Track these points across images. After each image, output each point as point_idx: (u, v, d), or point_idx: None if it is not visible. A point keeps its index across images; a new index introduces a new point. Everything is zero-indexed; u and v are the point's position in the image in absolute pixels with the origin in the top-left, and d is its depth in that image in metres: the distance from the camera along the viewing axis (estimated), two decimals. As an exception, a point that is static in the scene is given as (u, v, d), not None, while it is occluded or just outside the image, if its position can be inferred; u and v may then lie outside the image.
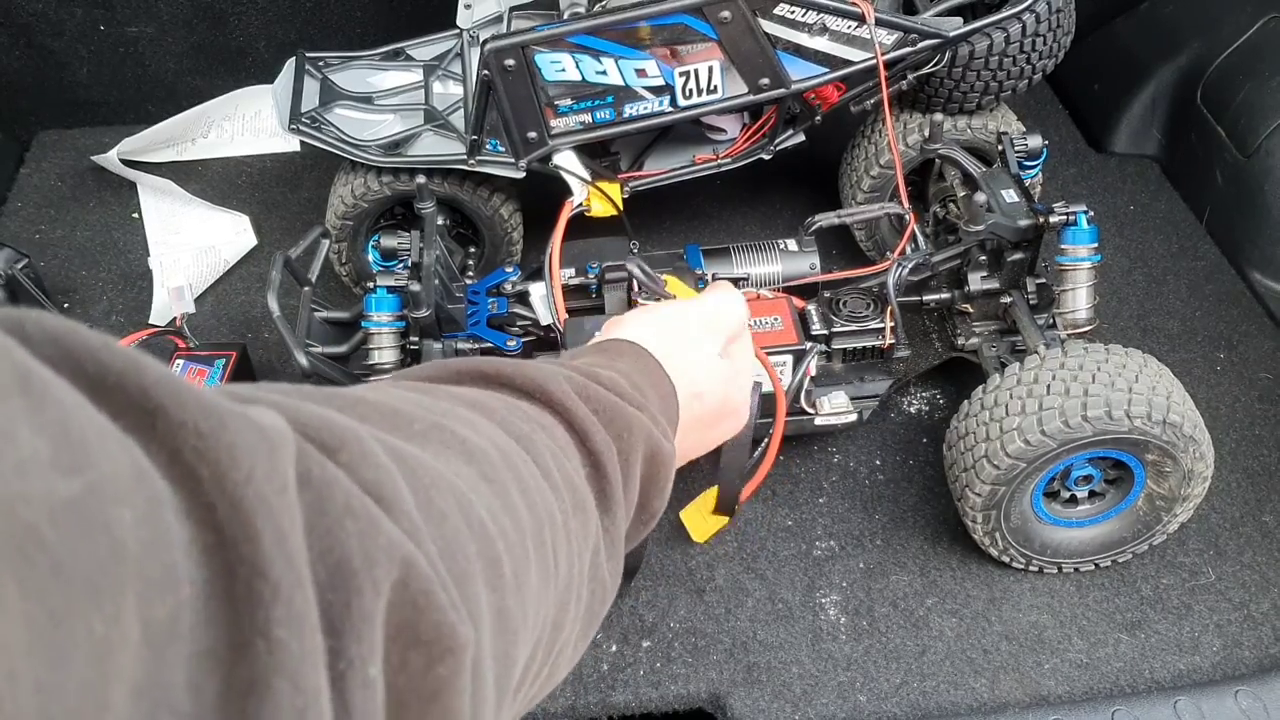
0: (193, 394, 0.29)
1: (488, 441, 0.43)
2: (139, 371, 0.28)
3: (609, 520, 0.51)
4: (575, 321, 1.16)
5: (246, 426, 0.29)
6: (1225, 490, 1.25)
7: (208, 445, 0.28)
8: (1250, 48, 1.61)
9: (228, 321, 1.50)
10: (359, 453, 0.34)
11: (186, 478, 0.27)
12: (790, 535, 1.21)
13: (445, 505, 0.36)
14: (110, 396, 0.27)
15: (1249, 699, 1.04)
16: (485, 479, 0.41)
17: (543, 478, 0.45)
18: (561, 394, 0.51)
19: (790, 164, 1.45)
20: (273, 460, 0.29)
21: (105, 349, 0.27)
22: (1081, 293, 1.18)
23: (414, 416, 0.41)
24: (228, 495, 0.28)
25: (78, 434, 0.24)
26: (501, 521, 0.40)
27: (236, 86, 1.81)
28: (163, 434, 0.28)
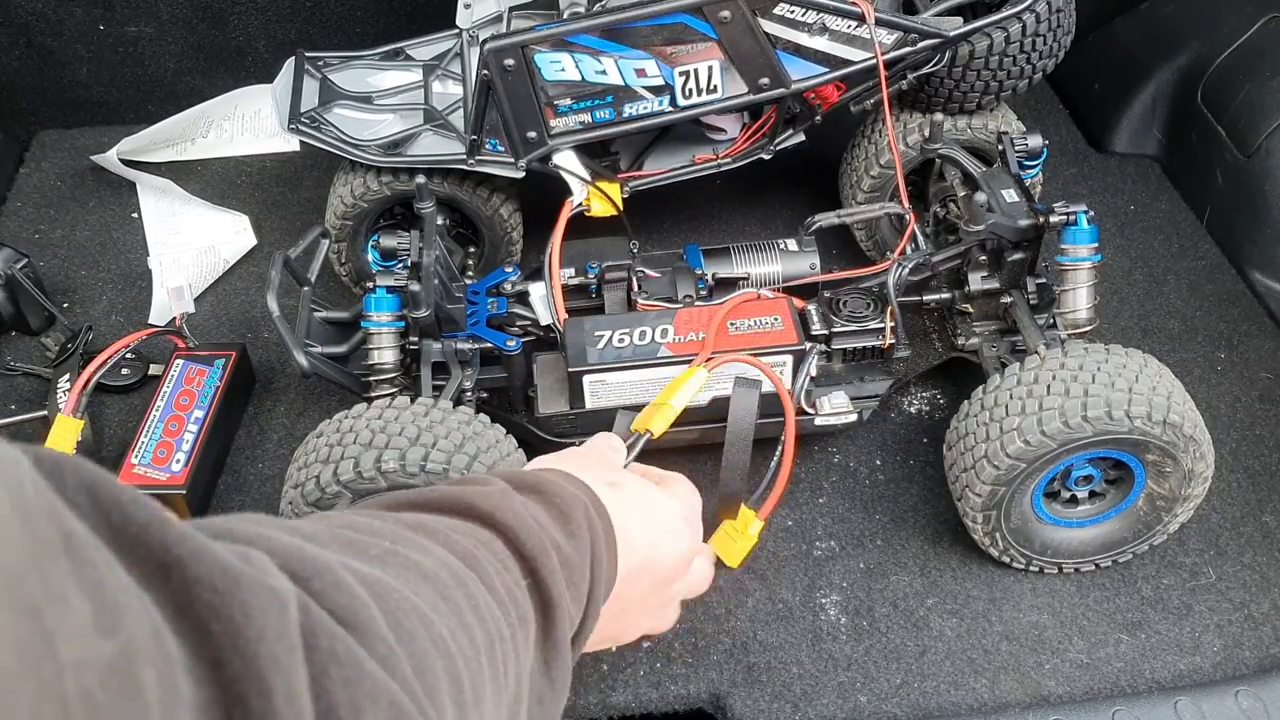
0: (211, 552, 0.30)
1: (438, 563, 0.44)
2: (162, 527, 0.29)
3: (551, 625, 0.53)
4: (575, 321, 1.16)
5: (259, 586, 0.30)
6: (1226, 490, 1.24)
7: (222, 602, 0.29)
8: (1250, 48, 1.61)
9: (227, 321, 1.50)
10: (331, 581, 0.35)
11: (194, 631, 0.28)
12: (790, 535, 1.21)
13: (412, 626, 0.38)
14: (130, 548, 0.28)
15: (1249, 699, 1.04)
16: (442, 598, 0.42)
17: (489, 594, 0.46)
18: (494, 507, 0.53)
19: (790, 164, 1.45)
20: (283, 619, 0.31)
21: (133, 502, 0.29)
22: (1082, 293, 1.18)
23: (368, 544, 0.43)
24: (240, 652, 0.29)
25: (111, 595, 0.25)
26: (460, 640, 0.41)
27: (236, 86, 1.81)
28: (176, 587, 0.28)
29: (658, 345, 1.13)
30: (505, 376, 1.19)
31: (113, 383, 1.36)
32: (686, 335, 1.13)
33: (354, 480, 0.98)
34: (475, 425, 1.03)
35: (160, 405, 1.28)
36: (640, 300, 1.21)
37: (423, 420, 1.01)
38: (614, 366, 1.12)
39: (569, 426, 1.17)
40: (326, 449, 1.01)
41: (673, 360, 1.12)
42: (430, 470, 0.97)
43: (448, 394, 1.10)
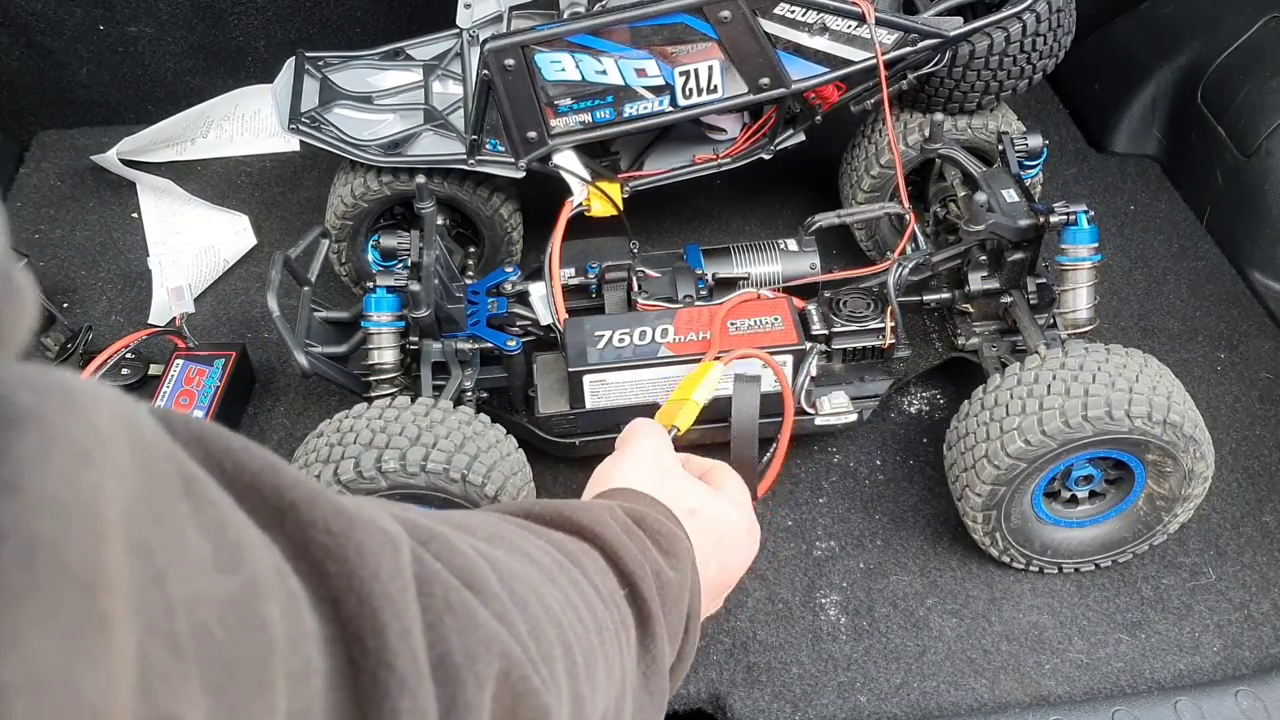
0: (325, 496, 0.30)
1: (542, 552, 0.45)
2: (275, 472, 0.30)
3: (650, 640, 0.53)
4: (575, 321, 1.16)
5: (372, 528, 0.31)
6: (1226, 490, 1.24)
7: (337, 543, 0.29)
8: (1250, 48, 1.61)
9: (227, 321, 1.50)
10: (446, 544, 0.36)
11: (312, 572, 0.29)
12: (790, 535, 1.21)
13: (524, 594, 0.38)
14: (245, 494, 0.29)
15: (1249, 699, 1.04)
16: (549, 579, 0.43)
17: (593, 590, 0.47)
18: (593, 520, 0.53)
19: (790, 164, 1.45)
20: (396, 560, 0.31)
21: (244, 450, 0.30)
22: (1082, 292, 1.18)
23: (475, 527, 0.44)
24: (355, 591, 0.29)
25: (233, 534, 0.26)
26: (569, 616, 0.42)
27: (236, 86, 1.81)
28: (291, 530, 0.29)
29: (658, 345, 1.13)
30: (505, 376, 1.19)
31: (113, 382, 1.36)
32: (686, 335, 1.13)
33: (354, 480, 0.98)
34: (475, 425, 1.03)
35: (160, 405, 1.28)
36: (640, 300, 1.21)
37: (423, 420, 1.01)
38: (614, 366, 1.12)
39: (569, 426, 1.17)
40: (327, 449, 1.01)
41: (673, 360, 1.12)
42: (430, 470, 0.97)
43: (448, 394, 1.10)
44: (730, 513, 0.74)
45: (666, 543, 0.58)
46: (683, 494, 0.71)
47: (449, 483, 0.99)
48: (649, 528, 0.58)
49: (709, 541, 0.70)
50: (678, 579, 0.57)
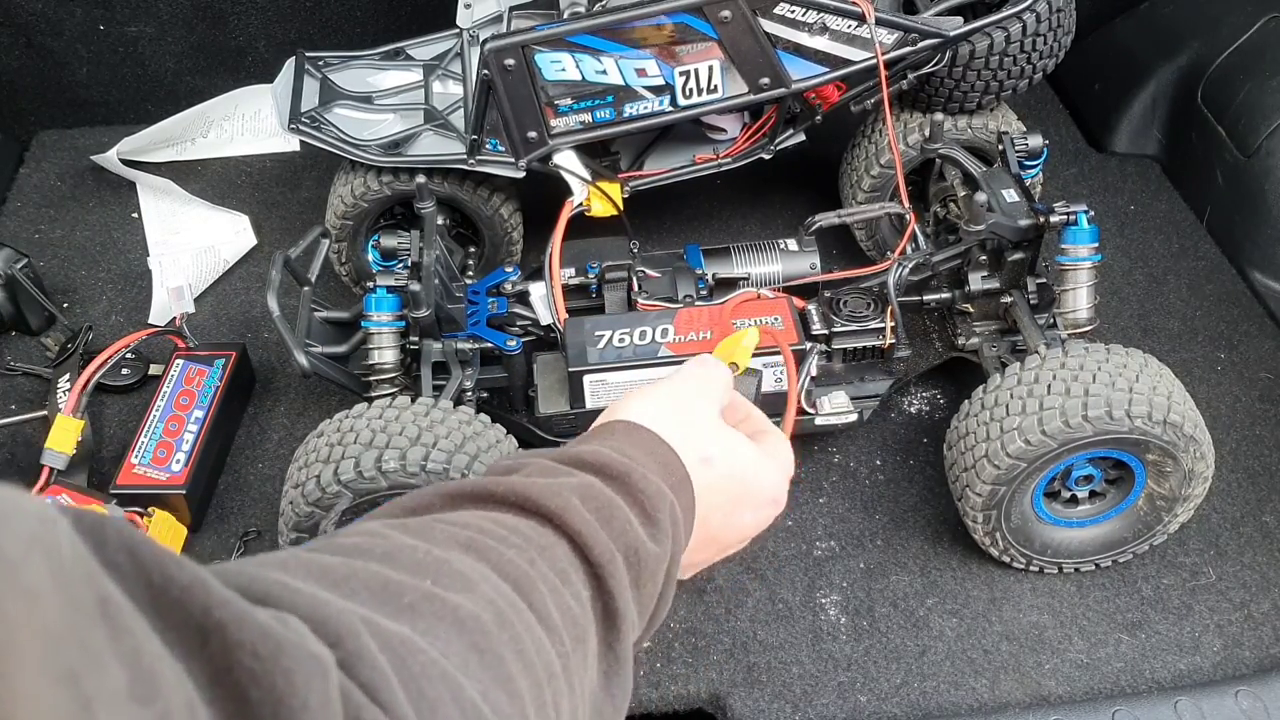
0: (252, 617, 0.29)
1: (482, 601, 0.43)
2: (205, 589, 0.28)
3: (612, 635, 0.50)
4: (575, 321, 1.16)
5: (301, 653, 0.30)
6: (1226, 490, 1.24)
7: (264, 669, 0.28)
8: (1250, 48, 1.61)
9: (227, 321, 1.50)
10: (354, 650, 0.34)
11: (231, 698, 0.28)
12: (790, 535, 1.21)
13: (436, 695, 0.37)
14: (170, 610, 0.28)
15: (1249, 699, 1.04)
16: (477, 651, 0.41)
17: (540, 625, 0.45)
18: (559, 506, 0.50)
19: (790, 164, 1.45)
20: (325, 687, 0.30)
21: (175, 564, 0.28)
22: (1082, 292, 1.18)
23: (404, 587, 0.41)
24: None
25: (148, 664, 0.25)
26: (496, 698, 0.40)
27: (236, 86, 1.81)
28: (214, 651, 0.28)
29: (658, 345, 1.13)
30: (505, 376, 1.19)
31: (113, 383, 1.36)
32: (686, 335, 1.13)
33: (355, 480, 0.98)
34: (475, 425, 1.03)
35: (160, 405, 1.28)
36: (640, 300, 1.21)
37: (423, 420, 1.01)
38: (614, 366, 1.12)
39: (569, 426, 1.17)
40: (327, 449, 1.01)
41: (673, 360, 1.12)
42: (430, 470, 0.97)
43: (448, 394, 1.10)
44: (756, 466, 0.68)
45: (651, 506, 0.55)
46: (702, 439, 0.65)
47: (449, 483, 0.99)
48: (632, 487, 0.55)
49: (720, 496, 0.65)
50: (657, 551, 0.54)
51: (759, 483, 0.68)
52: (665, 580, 0.56)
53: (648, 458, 0.59)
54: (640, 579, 0.53)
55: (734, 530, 0.69)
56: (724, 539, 0.68)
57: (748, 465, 0.67)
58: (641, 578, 0.53)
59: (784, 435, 0.75)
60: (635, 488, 0.55)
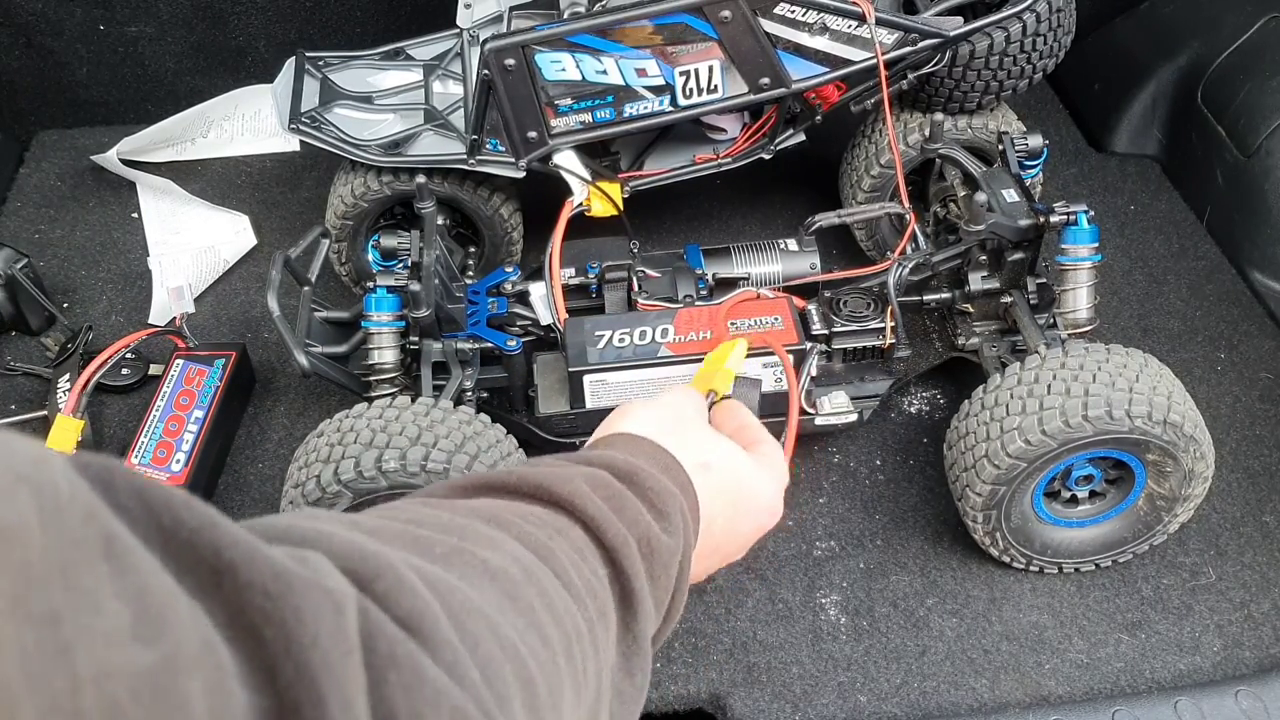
0: (264, 556, 0.29)
1: (509, 559, 0.43)
2: (214, 530, 0.28)
3: (630, 617, 0.51)
4: (575, 321, 1.16)
5: (313, 589, 0.30)
6: (1226, 490, 1.24)
7: (275, 607, 0.28)
8: (1250, 48, 1.61)
9: (227, 321, 1.50)
10: (394, 582, 0.34)
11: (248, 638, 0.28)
12: (790, 535, 1.21)
13: (478, 630, 0.36)
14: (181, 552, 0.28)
15: (1249, 699, 1.04)
16: (510, 598, 0.41)
17: (565, 590, 0.45)
18: (572, 492, 0.51)
19: (790, 164, 1.45)
20: (339, 622, 0.30)
21: (185, 506, 0.28)
22: (1082, 292, 1.18)
23: (434, 540, 0.41)
24: (293, 658, 0.28)
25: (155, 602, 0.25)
26: (530, 641, 0.40)
27: (236, 86, 1.81)
28: (228, 593, 0.28)
29: (658, 345, 1.13)
30: (505, 376, 1.19)
31: (113, 383, 1.36)
32: (686, 335, 1.13)
33: (355, 480, 0.98)
34: (475, 425, 1.03)
35: (160, 405, 1.28)
36: (640, 300, 1.21)
37: (423, 420, 1.01)
38: (614, 366, 1.12)
39: (569, 426, 1.17)
40: (327, 448, 1.01)
41: (673, 360, 1.12)
42: (431, 470, 0.97)
43: (448, 394, 1.10)
44: (753, 476, 0.69)
45: (660, 501, 0.55)
46: (700, 447, 0.66)
47: (449, 483, 0.99)
48: (640, 484, 0.55)
49: (723, 500, 0.66)
50: (670, 543, 0.54)
51: (756, 490, 0.70)
52: (679, 575, 0.56)
53: (651, 462, 0.60)
54: (654, 570, 0.53)
55: (736, 537, 0.70)
56: (726, 546, 0.69)
57: (745, 473, 0.69)
58: (655, 569, 0.53)
59: (779, 446, 0.77)
60: (644, 485, 0.56)
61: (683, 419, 0.69)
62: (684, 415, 0.69)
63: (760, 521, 0.71)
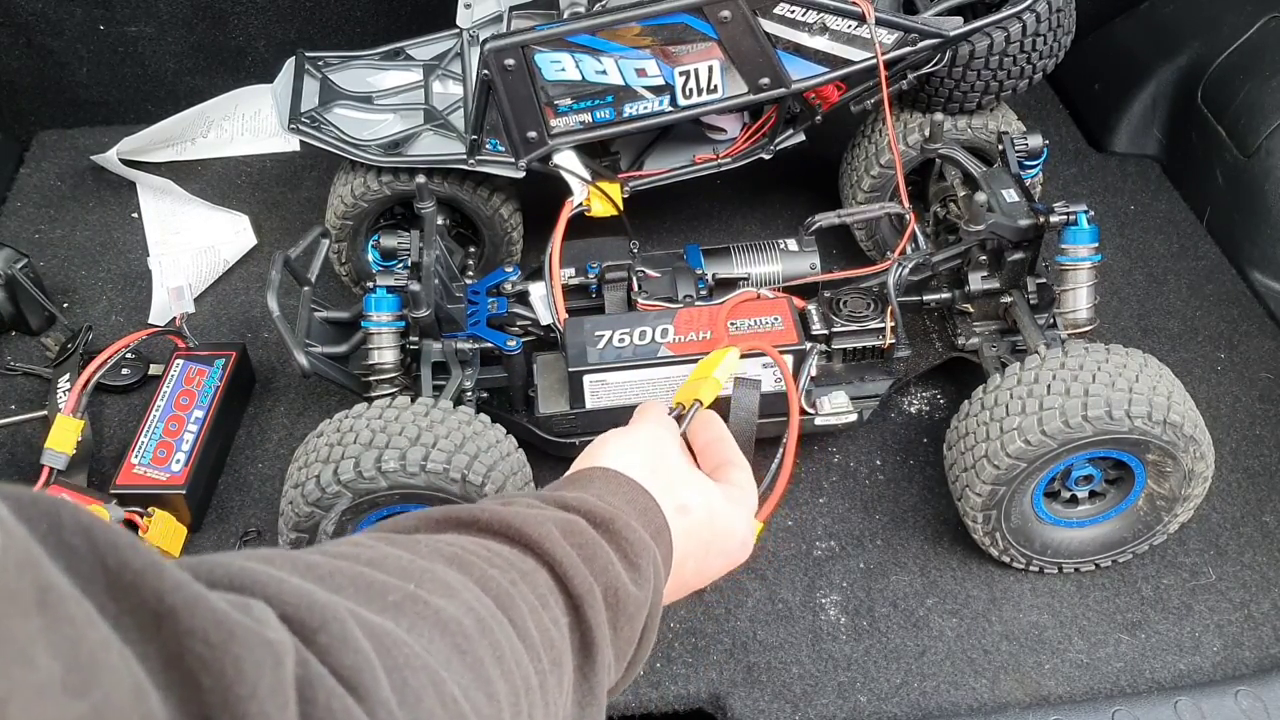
0: (206, 603, 0.29)
1: (464, 608, 0.43)
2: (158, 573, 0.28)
3: (588, 666, 0.51)
4: (575, 321, 1.16)
5: (254, 640, 0.29)
6: (1226, 490, 1.24)
7: (215, 656, 0.28)
8: (1250, 48, 1.61)
9: (227, 321, 1.50)
10: (338, 635, 0.34)
11: (184, 684, 0.28)
12: (790, 535, 1.21)
13: (419, 685, 0.36)
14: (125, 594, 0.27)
15: (1249, 699, 1.04)
16: (459, 651, 0.41)
17: (519, 640, 0.45)
18: (541, 535, 0.51)
19: (790, 164, 1.45)
20: (277, 675, 0.30)
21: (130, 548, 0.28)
22: (1082, 292, 1.18)
23: (388, 587, 0.41)
24: (230, 709, 0.28)
25: (87, 653, 0.25)
26: (475, 698, 0.40)
27: (236, 86, 1.81)
28: (167, 637, 0.28)
29: (658, 345, 1.13)
30: (505, 376, 1.19)
31: (113, 383, 1.36)
32: (686, 335, 1.13)
33: (354, 480, 0.98)
34: (475, 425, 1.03)
35: (160, 405, 1.28)
36: (640, 300, 1.21)
37: (423, 420, 1.01)
38: (614, 366, 1.12)
39: (569, 426, 1.17)
40: (327, 449, 1.01)
41: (673, 360, 1.12)
42: (430, 470, 0.97)
43: (448, 394, 1.10)
44: (727, 516, 0.71)
45: (633, 552, 0.55)
46: (678, 487, 0.67)
47: (449, 483, 0.99)
48: (616, 533, 0.55)
49: (695, 542, 0.67)
50: (638, 595, 0.55)
51: (729, 530, 0.71)
52: (646, 627, 0.57)
53: (629, 506, 0.60)
54: (618, 621, 0.53)
55: (705, 574, 0.71)
56: (694, 582, 0.70)
57: (719, 513, 0.70)
58: (619, 620, 0.53)
59: (748, 470, 0.78)
60: (619, 535, 0.56)
61: (664, 455, 0.69)
62: (665, 451, 0.70)
63: (731, 559, 0.73)
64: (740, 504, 0.73)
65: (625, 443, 0.69)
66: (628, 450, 0.68)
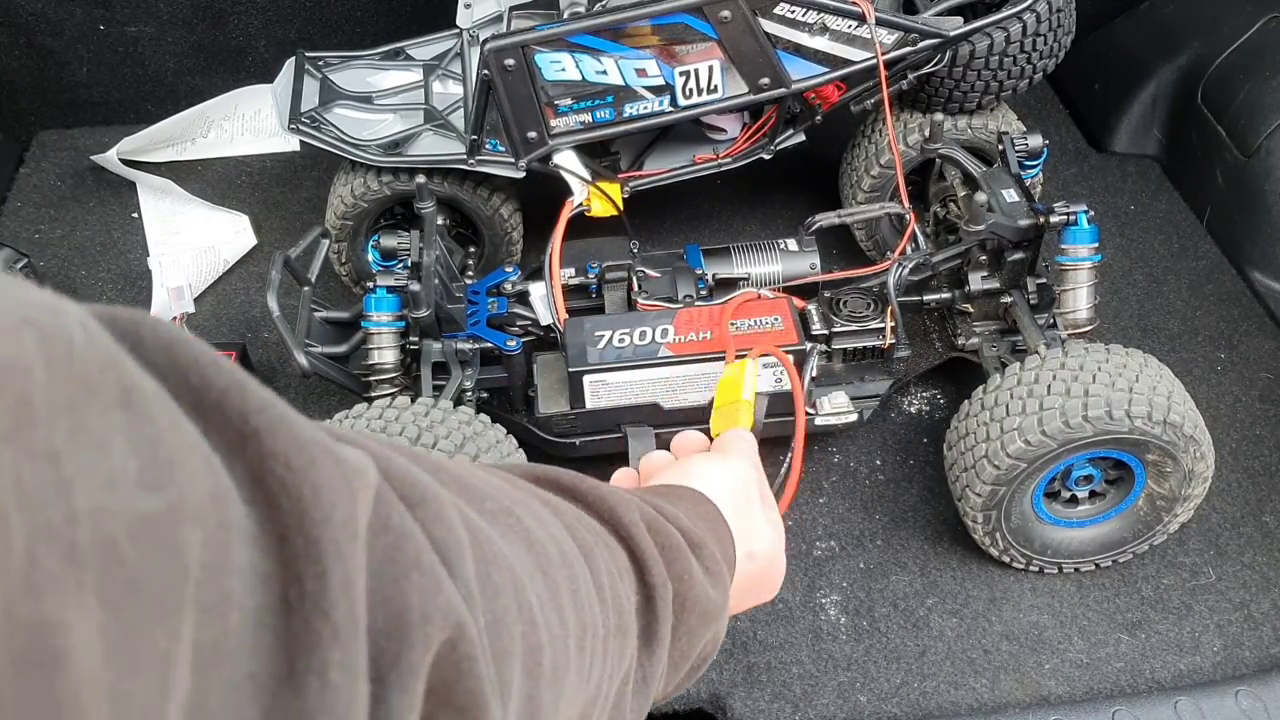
0: (289, 425, 0.29)
1: (549, 538, 0.43)
2: (242, 393, 0.28)
3: (647, 655, 0.51)
4: (575, 321, 1.16)
5: (334, 468, 0.30)
6: (1226, 490, 1.24)
7: (294, 479, 0.28)
8: (1250, 48, 1.61)
9: (227, 321, 1.50)
10: (435, 511, 0.35)
11: (265, 503, 0.28)
12: (790, 535, 1.21)
13: (500, 581, 0.37)
14: (209, 412, 0.28)
15: (1249, 699, 1.04)
16: (541, 571, 0.41)
17: (594, 588, 0.45)
18: (630, 521, 0.51)
19: (790, 164, 1.45)
20: (352, 506, 0.30)
21: (213, 365, 0.28)
22: (1082, 292, 1.18)
23: (487, 494, 0.42)
24: (305, 532, 0.28)
25: (166, 452, 0.25)
26: (549, 614, 0.40)
27: (236, 86, 1.81)
28: (251, 458, 0.28)
29: (658, 345, 1.13)
30: (505, 376, 1.19)
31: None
32: (686, 335, 1.13)
33: None
34: (475, 425, 1.03)
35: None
36: (640, 300, 1.21)
37: (423, 420, 1.01)
38: (614, 366, 1.12)
39: (569, 426, 1.17)
40: None
41: (673, 360, 1.12)
42: None
43: (448, 394, 1.10)
44: (777, 560, 0.72)
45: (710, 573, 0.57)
46: (753, 535, 0.68)
47: (449, 483, 0.99)
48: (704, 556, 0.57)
49: (747, 584, 0.68)
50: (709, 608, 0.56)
51: (775, 574, 0.72)
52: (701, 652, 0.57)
53: (710, 533, 0.61)
54: (679, 630, 0.54)
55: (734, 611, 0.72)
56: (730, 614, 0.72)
57: (773, 558, 0.71)
58: (680, 629, 0.54)
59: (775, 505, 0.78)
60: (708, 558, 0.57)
61: (750, 500, 0.70)
62: (751, 496, 0.70)
63: (762, 599, 0.73)
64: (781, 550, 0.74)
65: (721, 474, 0.69)
66: (722, 483, 0.68)
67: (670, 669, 0.55)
